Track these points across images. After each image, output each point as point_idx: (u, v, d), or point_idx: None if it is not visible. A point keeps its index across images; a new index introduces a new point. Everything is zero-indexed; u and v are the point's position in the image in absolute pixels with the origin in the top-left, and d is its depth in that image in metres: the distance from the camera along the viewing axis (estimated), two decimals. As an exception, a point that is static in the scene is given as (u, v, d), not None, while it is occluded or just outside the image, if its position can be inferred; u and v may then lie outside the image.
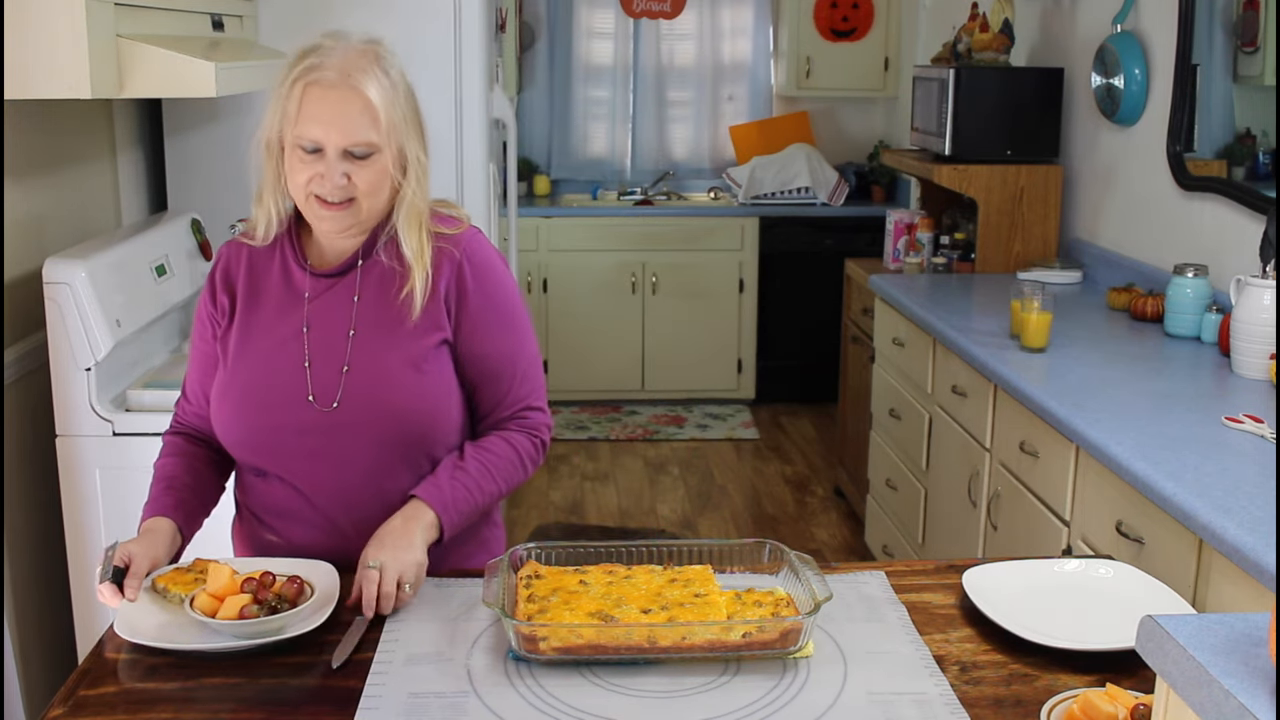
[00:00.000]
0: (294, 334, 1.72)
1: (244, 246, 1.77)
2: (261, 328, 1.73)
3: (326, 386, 1.70)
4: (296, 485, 1.74)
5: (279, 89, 1.63)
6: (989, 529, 2.87)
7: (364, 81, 1.61)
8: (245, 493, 1.82)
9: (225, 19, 2.77)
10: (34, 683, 2.57)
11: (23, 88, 2.11)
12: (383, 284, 1.72)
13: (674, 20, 6.09)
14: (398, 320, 1.71)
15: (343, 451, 1.70)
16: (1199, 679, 0.99)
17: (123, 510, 2.40)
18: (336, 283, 1.73)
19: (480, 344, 1.75)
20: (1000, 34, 4.05)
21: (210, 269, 1.80)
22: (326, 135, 1.61)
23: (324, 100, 1.60)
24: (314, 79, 1.60)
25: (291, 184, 1.66)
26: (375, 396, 1.69)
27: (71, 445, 2.40)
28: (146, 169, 3.28)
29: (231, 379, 1.73)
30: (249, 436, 1.73)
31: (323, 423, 1.69)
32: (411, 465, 1.73)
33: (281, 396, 1.70)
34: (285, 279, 1.74)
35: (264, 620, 1.53)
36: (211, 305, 1.77)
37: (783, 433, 5.56)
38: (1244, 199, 3.00)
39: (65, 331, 2.35)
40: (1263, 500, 1.91)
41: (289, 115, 1.62)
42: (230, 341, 1.74)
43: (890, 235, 4.30)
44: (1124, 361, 2.79)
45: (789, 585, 1.65)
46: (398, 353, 1.70)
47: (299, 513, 1.75)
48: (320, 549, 1.73)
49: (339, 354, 1.71)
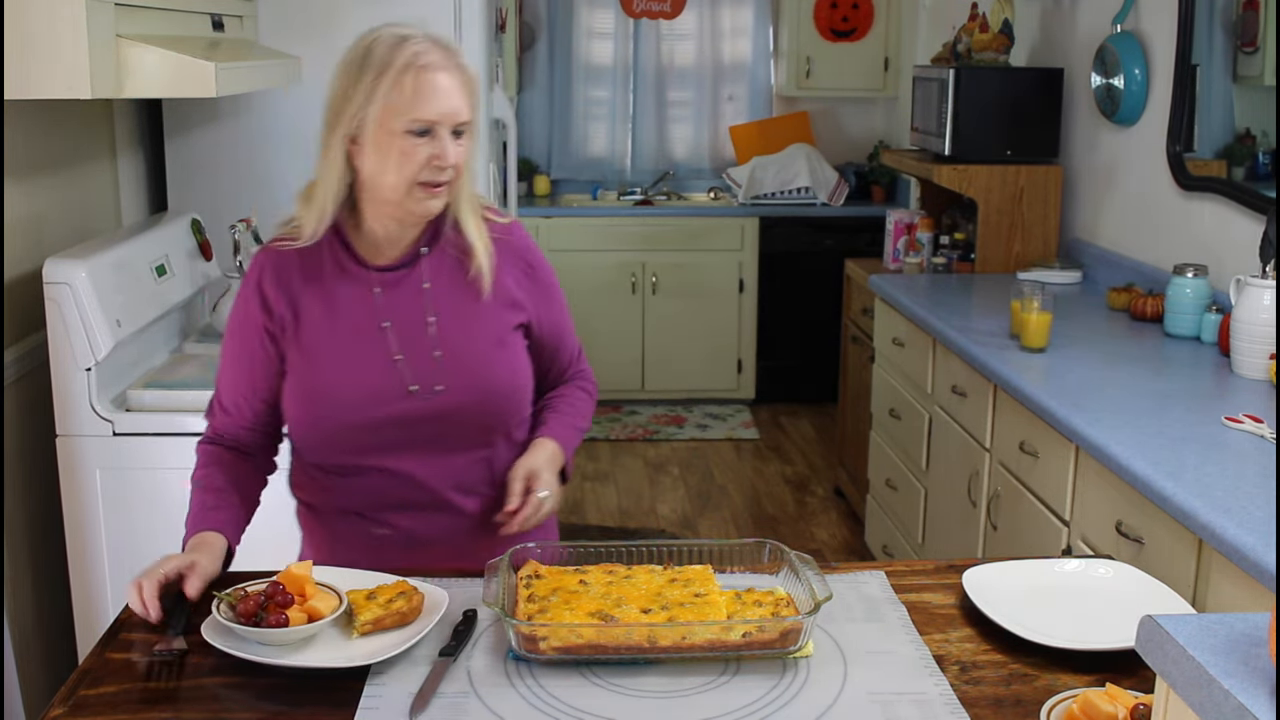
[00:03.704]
0: (373, 329, 1.74)
1: (285, 251, 1.75)
2: (334, 328, 1.74)
3: (424, 375, 1.74)
4: (405, 475, 1.77)
5: (373, 81, 1.63)
6: (989, 529, 2.87)
7: (461, 62, 1.70)
8: (327, 493, 1.82)
9: (225, 19, 2.77)
10: (34, 683, 2.57)
11: (23, 88, 2.11)
12: (449, 269, 1.77)
13: (674, 20, 6.09)
14: (473, 302, 1.77)
15: (449, 435, 1.76)
16: (1199, 679, 0.99)
17: (123, 510, 2.40)
18: (406, 274, 1.76)
19: (549, 317, 1.88)
20: (1000, 34, 4.05)
21: (250, 280, 1.77)
22: (441, 115, 1.65)
23: (435, 82, 1.64)
24: (424, 63, 1.64)
25: (396, 172, 1.65)
26: (473, 378, 1.75)
27: (71, 445, 2.40)
28: (146, 169, 3.27)
29: (314, 383, 1.73)
30: (347, 436, 1.74)
31: (427, 410, 1.74)
32: (507, 437, 1.83)
33: (378, 392, 1.73)
34: (345, 276, 1.75)
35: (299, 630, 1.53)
36: (264, 315, 1.74)
37: (783, 433, 5.56)
38: (1244, 199, 3.00)
39: (65, 331, 2.35)
40: (1263, 500, 1.91)
41: (397, 103, 1.63)
42: (299, 347, 1.74)
43: (890, 235, 4.30)
44: (1124, 361, 2.80)
45: (789, 585, 1.65)
46: (483, 333, 1.78)
47: (413, 501, 1.79)
48: (439, 532, 1.80)
49: (426, 342, 1.75)
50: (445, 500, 1.80)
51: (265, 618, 1.53)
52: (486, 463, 1.81)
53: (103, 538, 2.43)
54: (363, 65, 1.64)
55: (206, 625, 1.55)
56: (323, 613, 1.56)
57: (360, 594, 1.62)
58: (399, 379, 1.73)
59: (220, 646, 1.51)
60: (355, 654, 1.53)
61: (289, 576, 1.60)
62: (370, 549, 1.79)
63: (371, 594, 1.62)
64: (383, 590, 1.63)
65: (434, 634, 1.58)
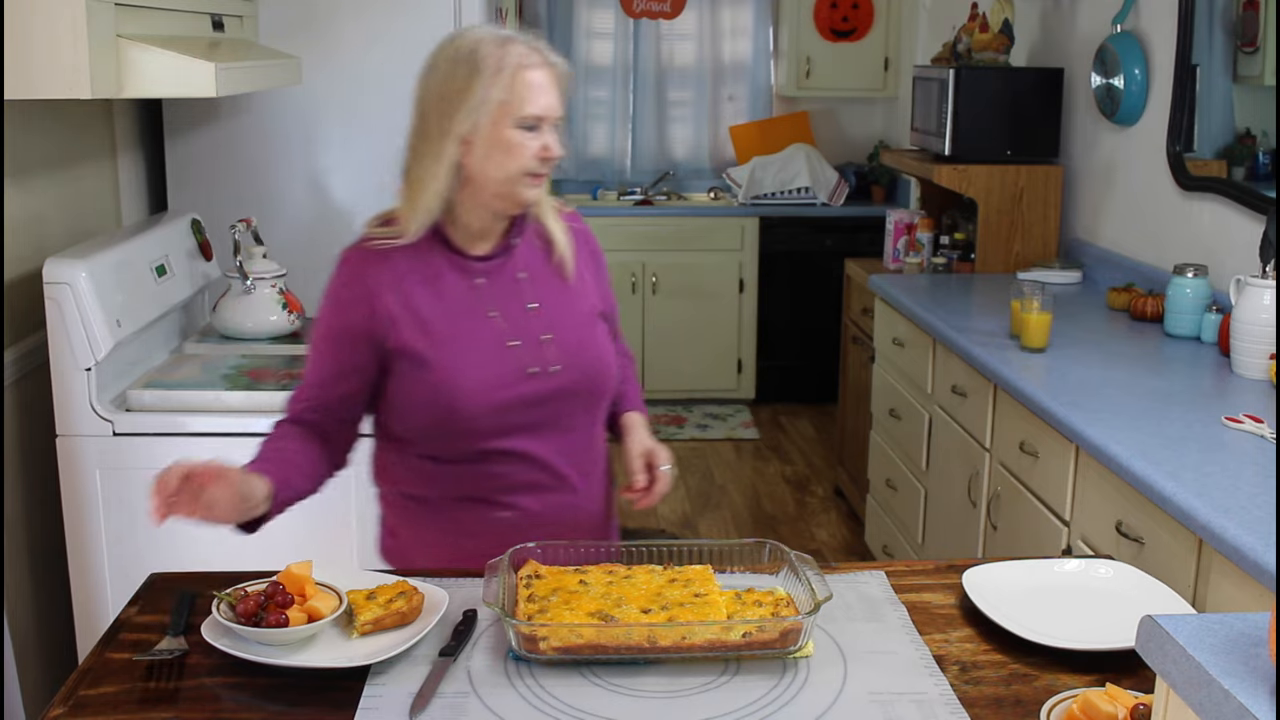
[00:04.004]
0: (484, 318, 1.79)
1: (383, 249, 1.77)
2: (447, 321, 1.77)
3: (541, 358, 1.80)
4: (527, 456, 1.82)
5: (488, 83, 1.70)
6: (989, 529, 2.87)
7: (554, 59, 1.78)
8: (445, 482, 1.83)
9: (225, 19, 2.77)
10: (34, 683, 2.57)
11: (23, 88, 2.11)
12: (537, 258, 1.86)
13: (674, 20, 6.09)
14: (563, 287, 1.87)
15: (563, 414, 1.84)
16: (1199, 679, 0.99)
17: (123, 510, 2.40)
18: (502, 264, 1.82)
19: (609, 298, 1.98)
20: (1000, 34, 4.05)
21: (347, 280, 1.77)
22: (548, 109, 1.74)
23: (540, 79, 1.73)
24: (529, 63, 1.73)
25: (507, 166, 1.72)
26: (580, 358, 1.84)
27: (71, 445, 2.40)
28: (146, 169, 3.27)
29: (437, 375, 1.75)
30: (474, 423, 1.77)
31: (546, 390, 1.80)
32: (604, 414, 1.93)
33: (500, 377, 1.78)
34: (449, 269, 1.79)
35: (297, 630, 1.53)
36: (366, 315, 1.75)
37: (783, 433, 5.56)
38: (1244, 199, 3.00)
39: (65, 331, 2.35)
40: (1263, 500, 1.91)
41: (510, 102, 1.70)
42: (412, 343, 1.76)
43: (890, 235, 4.30)
44: (1124, 361, 2.79)
45: (789, 585, 1.65)
46: (578, 316, 1.87)
47: (534, 482, 1.84)
48: (555, 511, 1.86)
49: (533, 327, 1.82)
50: (563, 478, 1.86)
51: (265, 618, 1.53)
52: (591, 439, 1.91)
53: (103, 538, 2.43)
54: (473, 67, 1.71)
55: (206, 625, 1.55)
56: (323, 613, 1.56)
57: (360, 594, 1.62)
58: (517, 363, 1.79)
59: (220, 646, 1.51)
60: (355, 654, 1.53)
61: (289, 576, 1.60)
62: (493, 533, 1.82)
63: (371, 594, 1.62)
64: (383, 590, 1.63)
65: (434, 634, 1.58)
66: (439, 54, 1.75)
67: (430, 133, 1.73)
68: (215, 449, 2.36)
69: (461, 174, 1.74)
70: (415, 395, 1.77)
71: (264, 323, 2.80)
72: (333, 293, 1.80)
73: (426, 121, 1.74)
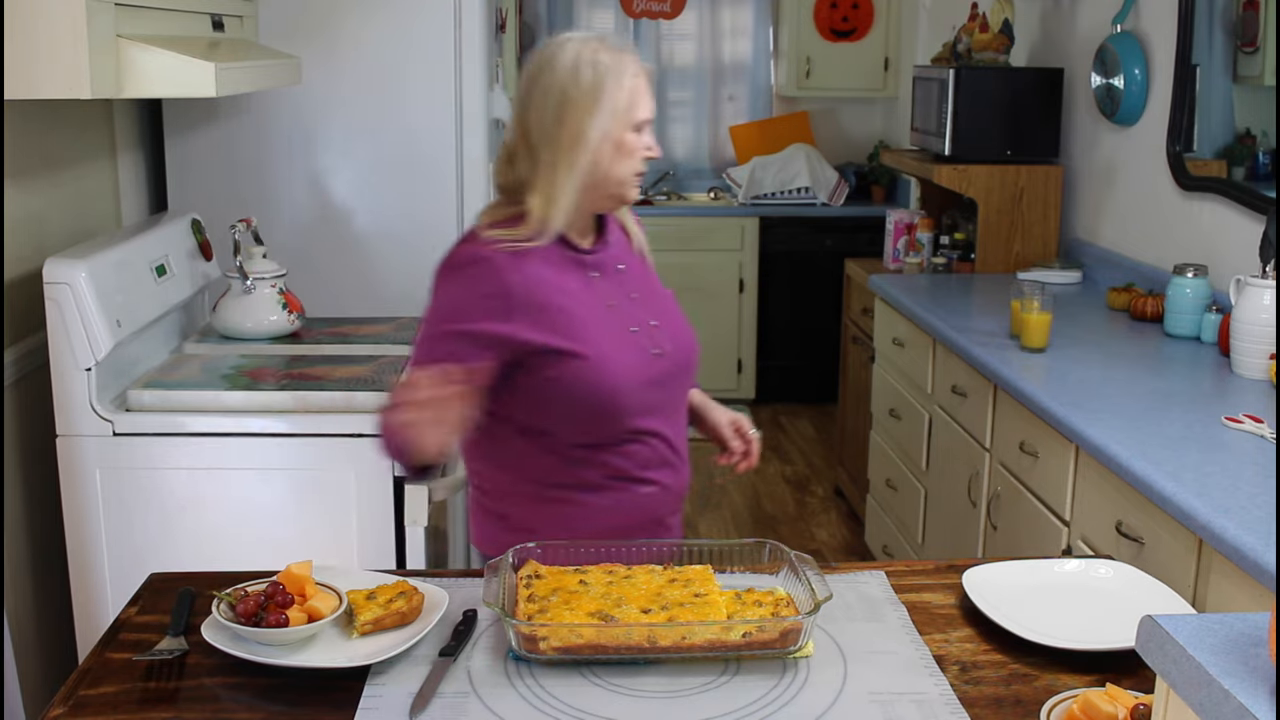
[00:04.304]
0: (607, 309, 1.87)
1: (511, 252, 1.79)
2: (581, 314, 1.83)
3: (656, 342, 1.91)
4: (660, 433, 1.91)
5: (614, 90, 1.78)
6: (989, 529, 2.87)
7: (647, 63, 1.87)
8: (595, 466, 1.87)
9: (225, 19, 2.77)
10: (34, 683, 2.57)
11: (23, 88, 2.11)
12: (623, 249, 1.96)
13: (674, 20, 6.09)
14: (647, 274, 1.99)
15: (679, 392, 1.99)
16: (1199, 679, 0.99)
17: (123, 510, 2.40)
18: (603, 258, 1.90)
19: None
20: (1000, 34, 4.05)
21: (481, 283, 1.78)
22: (651, 111, 1.85)
23: (645, 84, 1.83)
24: (637, 70, 1.82)
25: (625, 166, 1.82)
26: (680, 339, 1.97)
27: (71, 445, 2.39)
28: (146, 169, 3.27)
29: (582, 365, 1.80)
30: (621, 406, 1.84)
31: (669, 369, 1.92)
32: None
33: (635, 361, 1.86)
34: (570, 266, 1.85)
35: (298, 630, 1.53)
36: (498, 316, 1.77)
37: (783, 433, 5.56)
38: (1244, 199, 3.00)
39: (65, 331, 2.34)
40: (1263, 500, 1.91)
41: (630, 107, 1.80)
42: (560, 338, 1.80)
43: (890, 235, 4.30)
44: (1124, 361, 2.79)
45: (789, 585, 1.65)
46: (667, 300, 2.01)
47: (666, 458, 1.93)
48: (678, 485, 1.98)
49: (642, 314, 1.92)
50: (679, 452, 1.97)
51: (265, 618, 1.53)
52: (684, 416, 2.03)
53: (103, 538, 2.43)
54: (599, 75, 1.78)
55: (206, 625, 1.55)
56: (323, 613, 1.56)
57: (360, 594, 1.63)
58: (642, 347, 1.89)
59: (220, 646, 1.51)
60: (355, 654, 1.53)
61: (289, 576, 1.60)
62: (640, 508, 1.91)
63: (371, 594, 1.63)
64: (383, 590, 1.63)
65: (434, 634, 1.58)
66: (554, 64, 1.79)
67: (561, 140, 1.78)
68: (215, 449, 2.37)
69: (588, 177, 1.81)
70: (573, 387, 1.81)
71: (264, 323, 2.80)
72: (465, 293, 1.79)
73: (555, 130, 1.78)
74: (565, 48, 1.79)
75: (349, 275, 3.27)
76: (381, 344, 2.78)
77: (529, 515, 1.90)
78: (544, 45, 1.83)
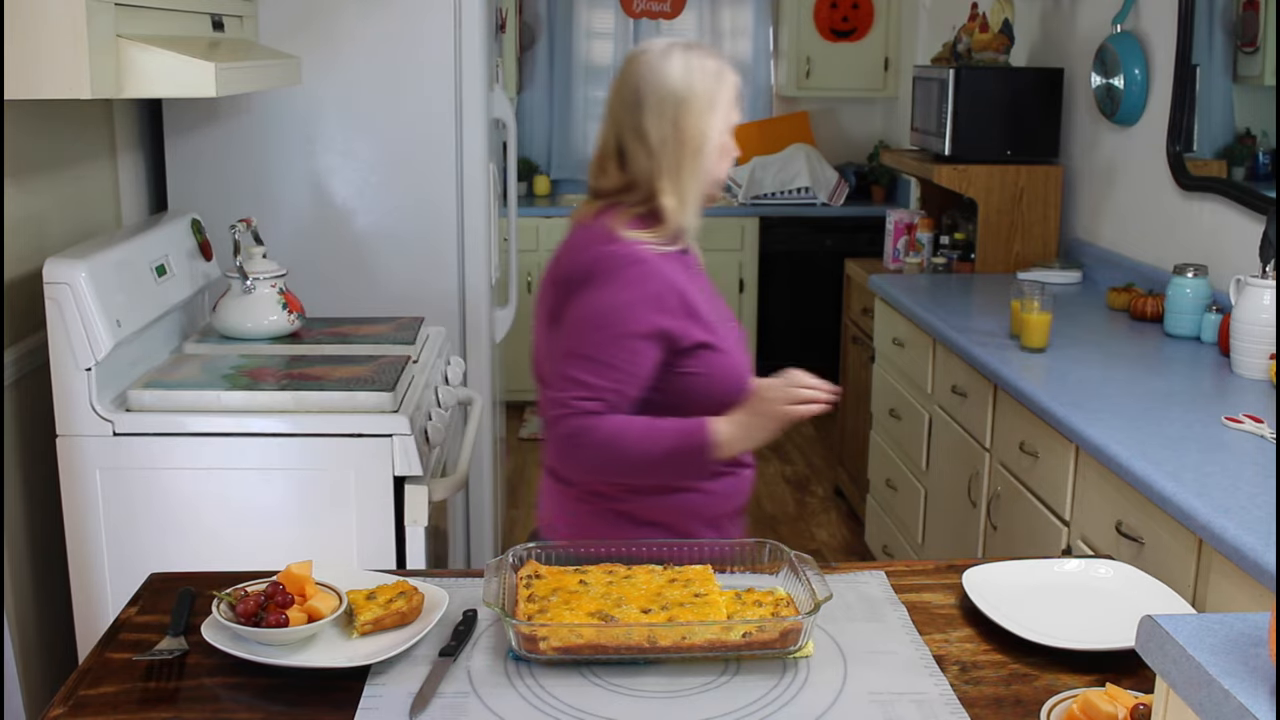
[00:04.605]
0: (713, 304, 1.95)
1: (659, 254, 1.85)
2: (706, 309, 1.91)
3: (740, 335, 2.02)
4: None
5: (725, 93, 1.86)
6: (989, 529, 2.87)
7: None
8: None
9: (225, 19, 2.77)
10: (34, 683, 2.57)
11: (23, 88, 2.11)
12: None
13: (674, 20, 6.09)
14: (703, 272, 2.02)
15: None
16: (1199, 679, 0.99)
17: (123, 510, 2.40)
18: (692, 256, 1.99)
19: None
20: (1000, 34, 4.05)
21: (645, 284, 1.82)
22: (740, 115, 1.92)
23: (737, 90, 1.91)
24: (732, 75, 1.89)
25: (723, 166, 1.90)
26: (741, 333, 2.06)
27: (71, 445, 2.39)
28: (146, 169, 3.27)
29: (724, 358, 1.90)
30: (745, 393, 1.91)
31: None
32: None
33: (743, 351, 1.98)
34: (682, 264, 1.92)
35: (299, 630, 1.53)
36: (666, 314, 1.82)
37: (782, 433, 5.56)
38: (1244, 199, 3.00)
39: (65, 331, 2.34)
40: (1263, 500, 1.91)
41: (732, 111, 1.88)
42: (706, 333, 1.87)
43: (890, 235, 4.30)
44: (1124, 361, 2.80)
45: (789, 585, 1.65)
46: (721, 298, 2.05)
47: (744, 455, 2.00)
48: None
49: (724, 309, 2.00)
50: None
51: (265, 618, 1.53)
52: None
53: (103, 538, 2.43)
54: (715, 81, 1.85)
55: (206, 625, 1.55)
56: (323, 613, 1.56)
57: (360, 594, 1.63)
58: (739, 337, 1.99)
59: (220, 646, 1.51)
60: (355, 654, 1.53)
61: (289, 576, 1.60)
62: (743, 492, 2.02)
63: (371, 594, 1.63)
64: (383, 590, 1.63)
65: (434, 634, 1.58)
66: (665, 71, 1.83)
67: (685, 143, 1.83)
68: (215, 449, 2.37)
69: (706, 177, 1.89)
70: (712, 379, 1.88)
71: (264, 323, 2.80)
72: (635, 295, 1.81)
73: (676, 133, 1.83)
74: (671, 54, 1.84)
75: (349, 275, 3.27)
76: (381, 344, 2.78)
77: (656, 509, 1.92)
78: (640, 52, 1.87)
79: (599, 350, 1.79)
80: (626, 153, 1.85)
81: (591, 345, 1.79)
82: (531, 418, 5.72)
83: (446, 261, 3.28)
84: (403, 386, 2.47)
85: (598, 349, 1.79)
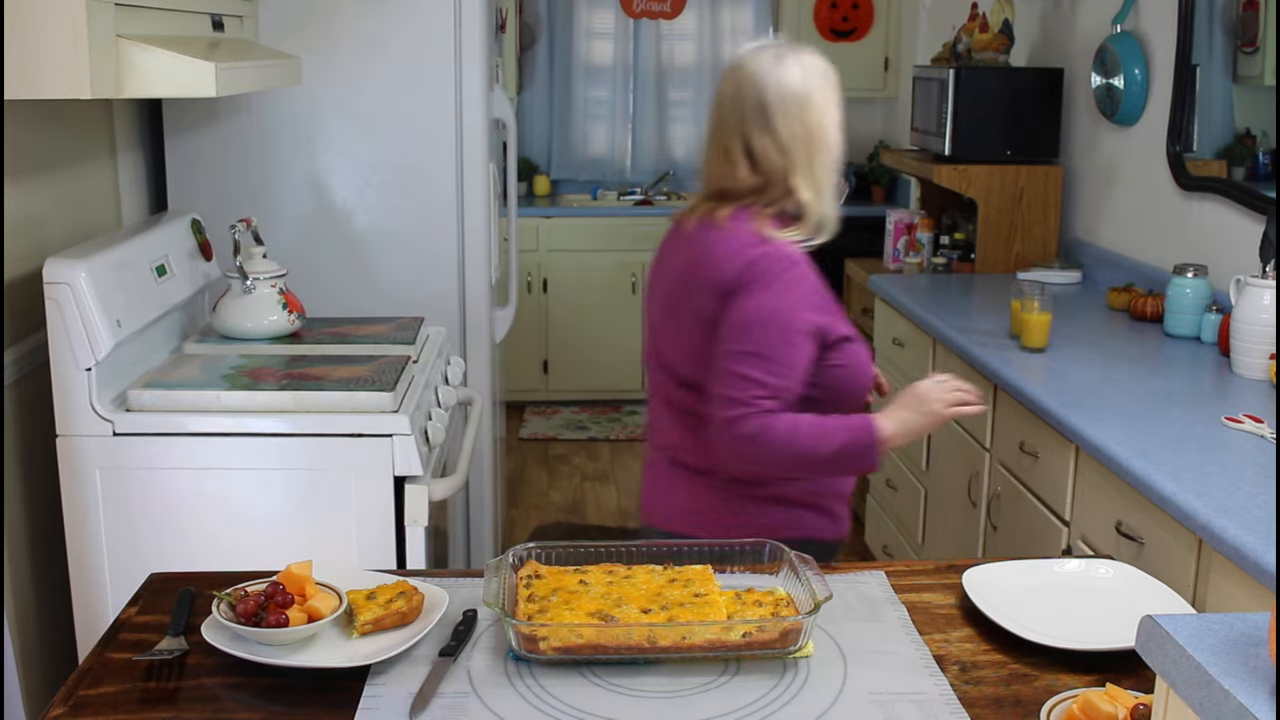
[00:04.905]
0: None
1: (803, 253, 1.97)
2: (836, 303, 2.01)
3: None
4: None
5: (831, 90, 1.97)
6: (989, 529, 2.87)
7: None
8: None
9: (225, 19, 2.77)
10: (34, 683, 2.57)
11: (23, 88, 2.11)
12: None
13: (674, 20, 6.09)
14: None
15: None
16: (1199, 679, 0.99)
17: (123, 510, 2.40)
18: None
19: None
20: (1000, 34, 4.05)
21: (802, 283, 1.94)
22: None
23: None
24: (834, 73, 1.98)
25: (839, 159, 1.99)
26: None
27: (71, 445, 2.39)
28: (146, 169, 3.27)
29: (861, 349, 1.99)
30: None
31: None
32: None
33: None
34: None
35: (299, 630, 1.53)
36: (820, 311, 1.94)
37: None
38: (1244, 199, 3.00)
39: (65, 331, 2.34)
40: (1263, 500, 1.91)
41: (839, 104, 1.98)
42: (846, 325, 1.98)
43: (890, 235, 4.30)
44: (1124, 362, 2.79)
45: (789, 585, 1.66)
46: None
47: None
48: None
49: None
50: None
51: (265, 618, 1.53)
52: None
53: (103, 538, 2.43)
54: (828, 84, 1.96)
55: (206, 625, 1.55)
56: (323, 613, 1.56)
57: (360, 594, 1.63)
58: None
59: (220, 646, 1.51)
60: (355, 654, 1.53)
61: (289, 576, 1.60)
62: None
63: (371, 594, 1.63)
64: (383, 590, 1.63)
65: (434, 634, 1.58)
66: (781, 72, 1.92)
67: (817, 139, 1.93)
68: (215, 449, 2.37)
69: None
70: (851, 369, 1.97)
71: (264, 323, 2.80)
72: (796, 294, 1.92)
73: (805, 130, 1.92)
74: (785, 59, 1.93)
75: (349, 275, 3.27)
76: (381, 344, 2.78)
77: (805, 492, 1.99)
78: (749, 59, 1.94)
79: (771, 349, 1.86)
80: (756, 154, 1.93)
81: (764, 344, 1.86)
82: (533, 417, 5.72)
83: (446, 261, 3.28)
84: (403, 386, 2.47)
85: (770, 348, 1.86)
